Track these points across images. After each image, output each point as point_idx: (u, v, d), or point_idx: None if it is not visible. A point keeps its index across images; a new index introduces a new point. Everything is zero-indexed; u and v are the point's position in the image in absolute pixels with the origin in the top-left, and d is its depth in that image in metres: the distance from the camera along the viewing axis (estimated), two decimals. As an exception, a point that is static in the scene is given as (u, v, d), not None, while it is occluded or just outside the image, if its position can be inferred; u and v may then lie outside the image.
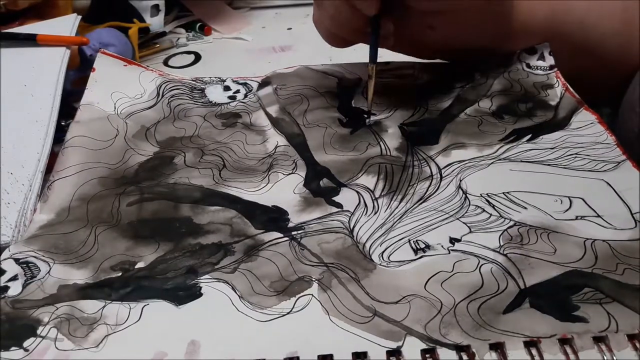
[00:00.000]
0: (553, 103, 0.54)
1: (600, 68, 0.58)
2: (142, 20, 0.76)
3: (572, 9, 0.56)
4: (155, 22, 0.77)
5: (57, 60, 0.59)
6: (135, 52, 0.71)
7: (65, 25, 0.64)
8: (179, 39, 0.79)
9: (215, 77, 0.62)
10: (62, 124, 0.56)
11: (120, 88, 0.59)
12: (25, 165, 0.50)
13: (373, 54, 0.54)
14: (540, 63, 0.57)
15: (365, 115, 0.55)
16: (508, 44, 0.58)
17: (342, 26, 0.54)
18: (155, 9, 0.78)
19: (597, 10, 0.56)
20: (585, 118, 0.51)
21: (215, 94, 0.60)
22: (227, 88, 0.61)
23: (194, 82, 0.62)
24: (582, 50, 0.57)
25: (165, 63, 0.74)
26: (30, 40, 0.61)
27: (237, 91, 0.60)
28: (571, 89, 0.55)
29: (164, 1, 0.78)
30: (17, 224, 0.46)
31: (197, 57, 0.76)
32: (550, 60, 0.57)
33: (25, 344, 0.36)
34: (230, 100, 0.59)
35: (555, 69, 0.57)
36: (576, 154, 0.47)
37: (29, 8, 0.71)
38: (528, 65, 0.58)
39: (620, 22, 0.56)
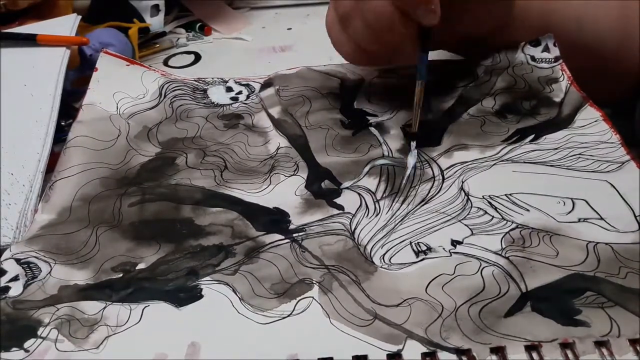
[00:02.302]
0: (557, 99, 0.53)
1: (597, 67, 0.57)
2: (142, 20, 0.76)
3: (568, 5, 0.56)
4: (155, 22, 0.77)
5: (57, 60, 0.59)
6: (135, 52, 0.70)
7: (65, 25, 0.64)
8: (179, 39, 0.79)
9: (218, 78, 0.62)
10: (62, 124, 0.56)
11: (123, 88, 0.58)
12: (25, 165, 0.50)
13: (423, 69, 0.49)
14: (545, 55, 0.57)
15: (411, 139, 0.50)
16: (503, 36, 0.58)
17: (380, 39, 0.49)
18: (155, 9, 0.78)
19: (593, 8, 0.56)
20: (589, 115, 0.51)
21: (218, 94, 0.60)
22: (229, 89, 0.61)
23: (196, 83, 0.62)
24: (579, 48, 0.57)
25: (165, 63, 0.74)
26: (30, 40, 0.61)
27: (240, 92, 0.60)
28: (576, 83, 0.54)
29: (164, 1, 0.78)
30: (18, 225, 0.46)
31: (197, 57, 0.75)
32: (555, 52, 0.57)
33: (25, 345, 0.36)
34: (232, 102, 0.59)
35: (561, 61, 0.56)
36: (580, 154, 0.47)
37: (29, 8, 0.71)
38: (533, 58, 0.57)
39: (618, 21, 0.56)
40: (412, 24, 0.47)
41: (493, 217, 0.43)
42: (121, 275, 0.41)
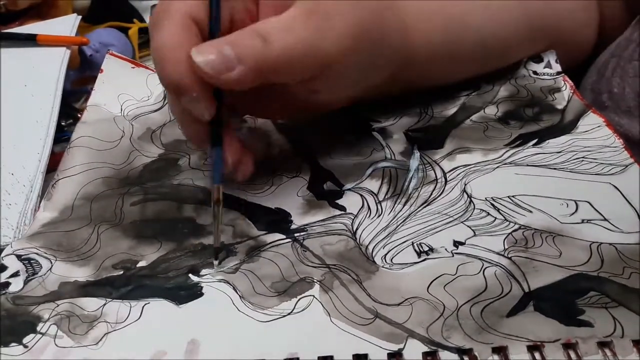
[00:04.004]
0: (560, 107, 0.53)
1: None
2: (142, 20, 0.76)
3: (469, 24, 0.53)
4: (155, 22, 0.77)
5: (57, 60, 0.59)
6: (136, 52, 0.71)
7: (65, 25, 0.64)
8: (178, 39, 0.79)
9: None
10: (63, 124, 0.56)
11: (127, 90, 0.59)
12: (25, 166, 0.50)
13: (217, 172, 0.41)
14: (547, 70, 0.57)
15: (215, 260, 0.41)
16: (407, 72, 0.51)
17: (182, 127, 0.46)
18: (155, 9, 0.78)
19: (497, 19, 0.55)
20: (592, 121, 0.51)
21: (221, 98, 0.60)
22: (232, 92, 0.61)
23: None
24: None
25: (165, 63, 0.74)
26: (30, 40, 0.62)
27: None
28: (578, 92, 0.55)
29: (164, 1, 0.78)
30: (18, 225, 0.46)
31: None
32: (557, 67, 0.57)
33: (25, 341, 0.36)
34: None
35: (563, 75, 0.56)
36: (583, 157, 0.47)
37: (29, 8, 0.71)
38: (535, 73, 0.57)
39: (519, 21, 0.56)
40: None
41: (496, 218, 0.43)
42: (122, 272, 0.41)
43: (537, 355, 0.33)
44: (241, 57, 0.38)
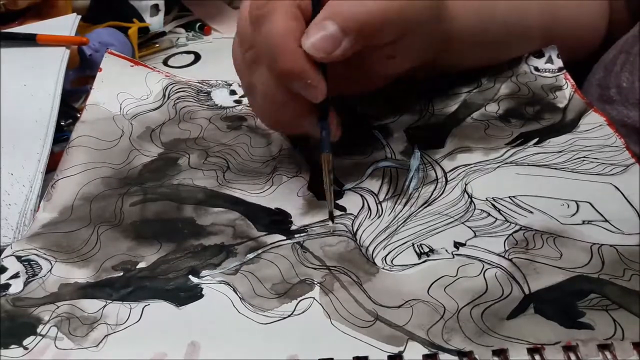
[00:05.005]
0: (561, 105, 0.53)
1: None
2: (141, 20, 0.76)
3: (495, 9, 0.55)
4: (155, 22, 0.77)
5: (57, 60, 0.59)
6: (135, 52, 0.70)
7: (65, 25, 0.64)
8: (178, 38, 0.79)
9: (222, 81, 0.62)
10: (62, 123, 0.56)
11: (127, 89, 0.58)
12: (25, 166, 0.50)
13: (325, 139, 0.44)
14: (548, 66, 0.57)
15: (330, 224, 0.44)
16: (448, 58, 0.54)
17: (276, 113, 0.46)
18: (155, 8, 0.77)
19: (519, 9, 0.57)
20: (593, 120, 0.51)
21: (222, 97, 0.60)
22: (233, 92, 0.61)
23: (200, 85, 0.62)
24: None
25: (165, 63, 0.74)
26: (30, 40, 0.61)
27: (243, 95, 0.60)
28: (579, 91, 0.54)
29: (163, 1, 0.78)
30: (18, 225, 0.46)
31: (197, 57, 0.75)
32: (558, 63, 0.57)
33: (25, 342, 0.36)
34: (236, 104, 0.59)
35: (564, 71, 0.56)
36: (584, 157, 0.47)
37: (28, 8, 0.71)
38: (536, 69, 0.57)
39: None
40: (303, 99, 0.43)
41: (496, 219, 0.43)
42: (122, 274, 0.41)
43: (537, 357, 0.33)
44: (344, 28, 0.40)
